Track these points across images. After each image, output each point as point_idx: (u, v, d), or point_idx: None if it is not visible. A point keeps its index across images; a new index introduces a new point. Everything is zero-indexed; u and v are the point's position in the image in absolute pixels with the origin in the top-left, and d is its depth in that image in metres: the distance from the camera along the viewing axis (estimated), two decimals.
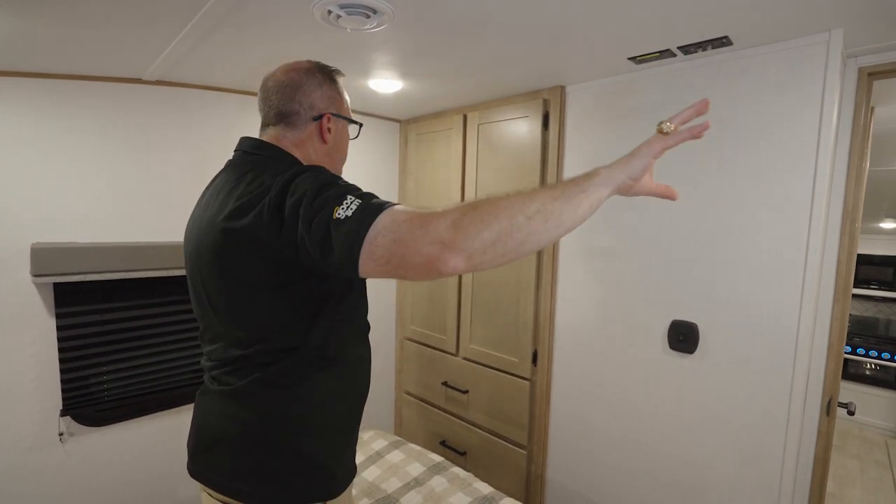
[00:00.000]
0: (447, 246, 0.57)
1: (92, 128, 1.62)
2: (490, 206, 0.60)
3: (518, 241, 0.60)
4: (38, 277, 1.47)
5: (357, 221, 0.60)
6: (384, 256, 0.59)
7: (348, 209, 0.62)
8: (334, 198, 0.64)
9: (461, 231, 0.58)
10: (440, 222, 0.58)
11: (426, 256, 0.58)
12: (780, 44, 1.26)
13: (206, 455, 0.86)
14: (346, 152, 0.98)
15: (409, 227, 0.59)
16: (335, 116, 0.91)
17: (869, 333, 3.80)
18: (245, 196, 0.73)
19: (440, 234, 0.57)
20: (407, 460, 1.70)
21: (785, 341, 1.29)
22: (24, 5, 1.07)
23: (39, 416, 1.60)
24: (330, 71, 0.93)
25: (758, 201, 1.32)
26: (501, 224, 0.59)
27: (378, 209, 0.61)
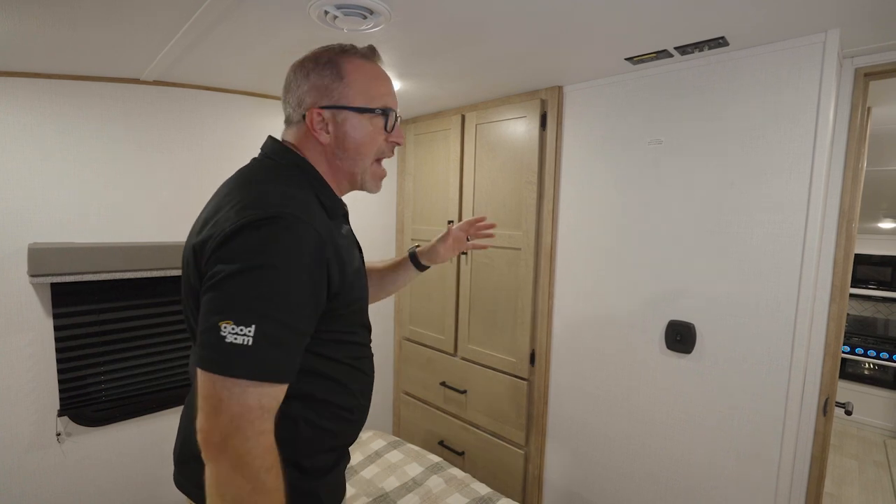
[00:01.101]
0: (206, 447, 0.60)
1: (90, 128, 1.62)
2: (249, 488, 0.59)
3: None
4: (35, 277, 1.46)
5: (225, 357, 0.58)
6: (204, 394, 0.60)
7: (236, 335, 0.58)
8: (235, 309, 0.59)
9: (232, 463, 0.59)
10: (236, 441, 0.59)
11: (200, 431, 0.60)
12: (776, 44, 1.26)
13: (188, 467, 0.80)
14: (369, 154, 0.81)
15: (225, 424, 0.58)
16: (328, 109, 0.76)
17: (867, 333, 3.80)
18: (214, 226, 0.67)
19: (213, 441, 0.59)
20: (405, 460, 1.70)
21: (782, 341, 1.29)
22: (22, 5, 1.07)
23: (37, 417, 1.60)
24: (333, 57, 0.78)
25: (754, 201, 1.32)
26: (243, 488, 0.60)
27: (242, 371, 0.58)
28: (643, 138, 1.54)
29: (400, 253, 2.49)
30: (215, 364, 0.59)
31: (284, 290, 0.62)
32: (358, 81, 0.77)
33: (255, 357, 0.59)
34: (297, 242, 0.64)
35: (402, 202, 2.46)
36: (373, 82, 0.79)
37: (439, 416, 2.26)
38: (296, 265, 0.63)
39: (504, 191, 1.90)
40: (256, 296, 0.60)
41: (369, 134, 0.79)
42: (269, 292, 0.61)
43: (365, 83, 0.78)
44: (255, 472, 0.59)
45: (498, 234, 1.93)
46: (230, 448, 0.58)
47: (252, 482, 0.59)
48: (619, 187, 1.61)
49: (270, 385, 0.61)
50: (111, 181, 1.68)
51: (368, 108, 0.78)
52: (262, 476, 0.60)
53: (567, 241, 1.77)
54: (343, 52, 0.78)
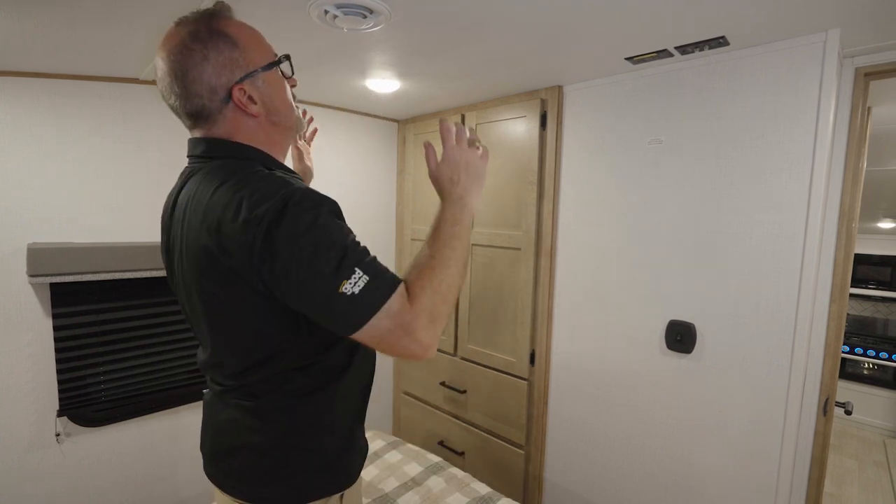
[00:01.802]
0: (427, 347, 0.67)
1: (88, 128, 1.62)
2: (449, 280, 0.71)
3: (456, 298, 0.74)
4: (34, 277, 1.46)
5: (365, 303, 0.64)
6: (377, 337, 0.65)
7: (355, 285, 0.63)
8: (340, 268, 0.63)
9: (436, 327, 0.68)
10: (421, 319, 0.66)
11: (411, 352, 0.67)
12: (776, 44, 1.26)
13: (223, 462, 0.84)
14: (290, 105, 0.81)
15: (402, 321, 0.65)
16: (247, 80, 0.73)
17: (867, 333, 3.80)
18: (225, 224, 0.65)
19: (423, 336, 0.66)
20: (405, 460, 1.70)
21: (782, 341, 1.29)
22: (21, 5, 1.06)
23: (36, 417, 1.59)
24: (208, 22, 0.72)
25: (755, 201, 1.32)
26: (456, 295, 0.73)
27: (385, 292, 0.65)
28: (643, 138, 1.54)
29: (400, 253, 2.49)
30: (362, 314, 0.64)
31: (338, 229, 0.67)
32: (250, 41, 0.75)
33: (380, 283, 0.65)
34: (318, 202, 0.67)
35: (401, 202, 2.46)
36: (257, 36, 0.77)
37: (439, 415, 2.26)
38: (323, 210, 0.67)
39: (504, 191, 1.90)
40: (337, 249, 0.64)
41: (281, 86, 0.79)
42: (337, 239, 0.65)
43: (255, 40, 0.76)
44: (436, 307, 0.68)
45: (498, 233, 1.93)
46: (423, 339, 0.66)
47: (440, 305, 0.69)
48: (619, 187, 1.61)
49: (395, 290, 0.66)
50: (110, 181, 1.67)
51: (273, 61, 0.77)
52: (435, 299, 0.68)
53: (567, 241, 1.77)
54: (212, 18, 0.73)
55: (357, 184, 2.35)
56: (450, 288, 0.71)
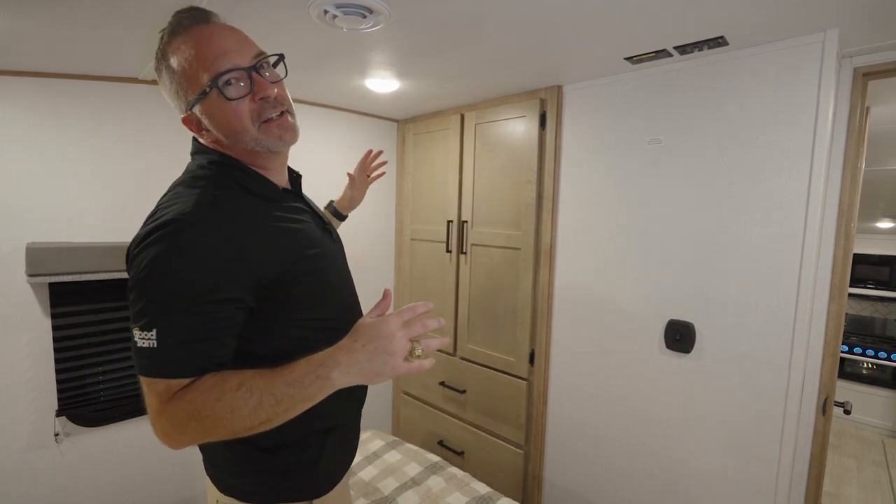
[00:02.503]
0: (164, 439, 0.66)
1: (87, 127, 1.62)
2: (225, 421, 0.62)
3: (230, 434, 0.64)
4: (33, 277, 1.46)
5: (137, 361, 0.63)
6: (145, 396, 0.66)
7: (143, 340, 0.62)
8: (143, 315, 0.62)
9: (176, 436, 0.65)
10: (165, 422, 0.64)
11: (155, 431, 0.66)
12: (775, 44, 1.26)
13: (205, 447, 0.85)
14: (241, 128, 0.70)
15: (152, 405, 0.65)
16: (195, 105, 0.69)
17: (866, 332, 3.81)
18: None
19: (158, 432, 0.65)
20: (404, 460, 1.70)
21: (781, 340, 1.29)
22: (20, 4, 1.06)
23: (35, 417, 1.59)
24: (163, 47, 0.70)
25: (754, 201, 1.32)
26: (225, 432, 0.63)
27: (153, 371, 0.63)
28: (643, 138, 1.54)
29: (399, 253, 2.49)
30: (137, 366, 0.64)
31: (178, 287, 0.62)
32: (186, 65, 0.67)
33: (159, 357, 0.62)
34: (189, 244, 0.63)
35: (400, 202, 2.46)
36: (196, 58, 0.67)
37: (439, 415, 2.26)
38: (188, 266, 0.62)
39: (503, 190, 1.90)
40: (153, 302, 0.62)
41: (229, 108, 0.68)
42: (162, 296, 0.62)
43: (191, 64, 0.67)
44: (186, 425, 0.63)
45: (497, 234, 1.93)
46: (159, 430, 0.65)
47: (191, 428, 0.63)
48: (618, 187, 1.61)
49: (178, 380, 0.64)
50: (109, 180, 1.67)
51: (203, 91, 0.67)
52: (191, 421, 0.63)
53: (566, 241, 1.77)
54: (167, 37, 0.69)
55: None
56: (217, 426, 0.62)
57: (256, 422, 0.63)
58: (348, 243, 1.07)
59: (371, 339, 0.65)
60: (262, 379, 0.63)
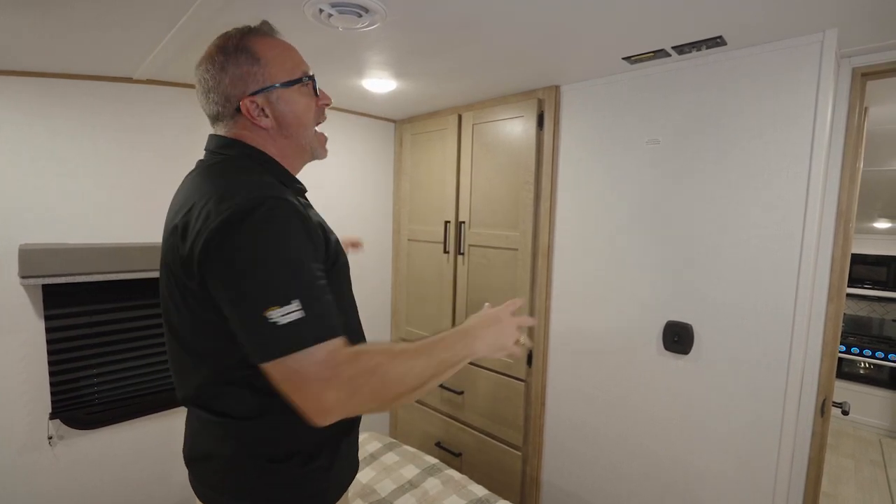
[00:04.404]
0: (325, 411, 0.62)
1: (81, 128, 1.60)
2: (398, 377, 0.66)
3: (392, 401, 0.67)
4: (26, 279, 1.45)
5: (285, 337, 0.60)
6: (285, 377, 0.62)
7: (285, 316, 0.60)
8: (277, 292, 0.61)
9: (349, 401, 0.62)
10: (339, 381, 0.61)
11: (306, 406, 0.62)
12: (774, 44, 1.25)
13: (199, 469, 0.82)
14: (309, 123, 0.82)
15: (317, 372, 0.61)
16: (260, 94, 0.76)
17: (863, 333, 3.82)
18: (191, 220, 0.67)
19: (328, 397, 0.61)
20: (401, 462, 1.69)
21: (779, 341, 1.29)
22: (16, 5, 1.05)
23: (28, 419, 1.58)
24: (239, 43, 0.77)
25: (752, 201, 1.32)
26: (393, 396, 0.66)
27: (315, 337, 0.62)
28: (641, 138, 1.53)
29: (396, 254, 2.48)
30: (281, 349, 0.61)
31: (299, 254, 0.65)
32: (275, 58, 0.77)
33: (311, 324, 0.62)
34: (286, 217, 0.65)
35: (398, 202, 2.45)
36: (286, 54, 0.79)
37: (436, 417, 2.25)
38: (293, 231, 0.65)
39: (501, 191, 1.89)
40: (283, 272, 0.62)
41: (304, 104, 0.80)
42: (290, 263, 0.63)
43: (281, 58, 0.78)
44: (362, 383, 0.63)
45: (495, 234, 1.92)
46: (328, 400, 0.61)
47: (368, 387, 0.63)
48: (616, 187, 1.60)
49: (330, 341, 0.63)
50: (103, 181, 1.66)
51: (294, 79, 0.78)
52: (369, 378, 0.63)
53: (564, 242, 1.76)
54: (244, 35, 0.78)
55: (354, 184, 2.33)
56: (392, 383, 0.65)
57: (420, 382, 0.68)
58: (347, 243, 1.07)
59: (495, 322, 0.84)
60: (420, 345, 0.71)
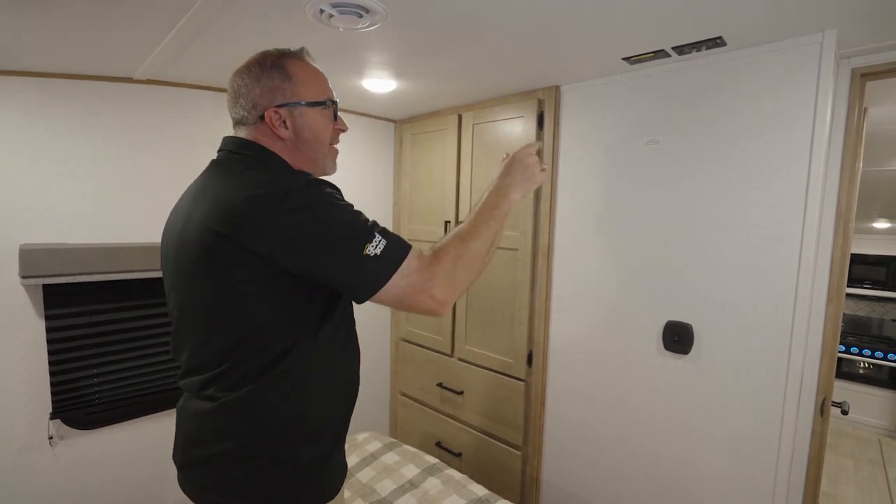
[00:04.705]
0: (442, 304, 0.76)
1: (82, 128, 1.60)
2: (474, 251, 0.81)
3: (480, 270, 0.84)
4: (26, 279, 1.45)
5: (387, 261, 0.73)
6: (398, 295, 0.74)
7: (377, 248, 0.72)
8: (363, 233, 0.72)
9: (453, 288, 0.77)
10: (439, 278, 0.75)
11: (428, 307, 0.76)
12: (773, 44, 1.26)
13: (197, 471, 0.82)
14: (325, 141, 0.88)
15: (421, 278, 0.74)
16: (284, 107, 0.82)
17: (862, 332, 3.82)
18: (237, 201, 0.72)
19: (438, 293, 0.75)
20: (401, 462, 1.69)
21: (779, 341, 1.29)
22: (15, 5, 1.05)
23: (29, 419, 1.58)
24: (277, 60, 0.84)
25: (752, 201, 1.32)
26: (479, 266, 0.82)
27: (403, 252, 0.75)
28: (640, 138, 1.53)
29: None
30: (385, 272, 0.72)
31: (351, 206, 0.76)
32: (305, 79, 0.85)
33: (397, 246, 0.75)
34: (328, 186, 0.77)
35: (398, 202, 2.45)
36: (316, 79, 0.88)
37: (436, 417, 2.25)
38: (334, 196, 0.76)
39: None
40: (354, 219, 0.74)
41: (322, 124, 0.87)
42: (354, 212, 0.75)
43: (311, 80, 0.86)
44: (455, 268, 0.78)
45: None
46: (439, 295, 0.75)
47: (460, 268, 0.78)
48: (616, 187, 1.61)
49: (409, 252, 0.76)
50: (103, 181, 1.66)
51: (319, 101, 0.86)
52: (456, 262, 0.78)
53: (564, 242, 1.76)
54: (283, 55, 0.86)
55: (354, 184, 2.33)
56: (474, 258, 0.80)
57: (490, 243, 0.84)
58: None
59: (520, 162, 0.97)
60: (475, 219, 0.85)
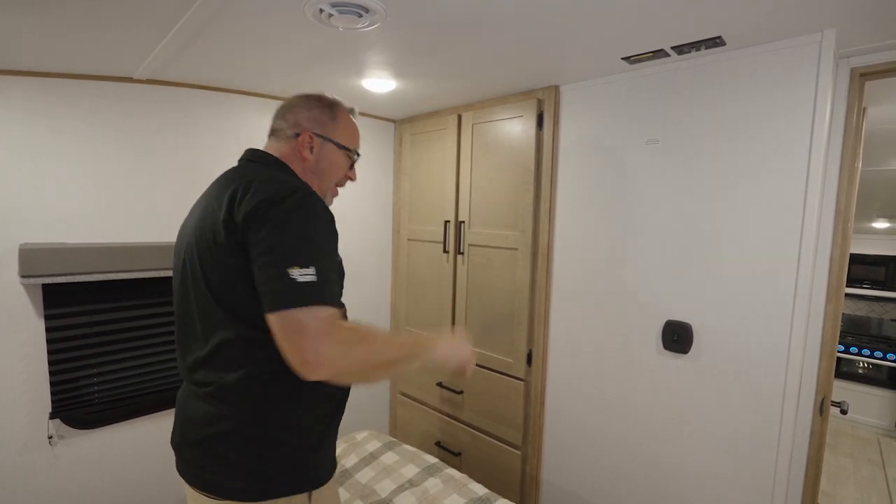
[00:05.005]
0: (319, 363, 0.72)
1: (82, 127, 1.60)
2: (375, 361, 0.81)
3: (362, 378, 0.86)
4: (26, 278, 1.45)
5: (299, 293, 0.73)
6: (288, 327, 0.73)
7: (303, 276, 0.73)
8: (302, 256, 0.75)
9: (339, 361, 0.74)
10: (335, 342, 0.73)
11: (305, 357, 0.72)
12: (773, 44, 1.26)
13: (193, 453, 0.86)
14: (335, 178, 1.03)
15: (319, 328, 0.72)
16: (318, 137, 0.97)
17: (862, 332, 3.83)
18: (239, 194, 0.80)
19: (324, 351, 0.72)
20: (401, 462, 1.69)
21: (778, 341, 1.29)
22: (12, 3, 1.05)
23: (28, 419, 1.58)
24: (332, 102, 1.01)
25: (751, 201, 1.32)
26: (365, 374, 0.83)
27: (321, 300, 0.74)
28: (640, 138, 1.53)
29: (396, 253, 2.49)
30: (293, 300, 0.73)
31: (323, 239, 0.80)
32: (345, 127, 1.01)
33: (321, 288, 0.75)
34: (321, 206, 0.82)
35: (398, 202, 2.45)
36: (352, 131, 1.04)
37: (436, 416, 2.25)
38: (323, 222, 0.81)
39: (501, 191, 1.90)
40: (309, 245, 0.77)
41: (339, 164, 1.02)
42: (315, 242, 0.78)
43: (348, 130, 1.02)
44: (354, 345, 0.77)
45: (494, 234, 1.93)
46: (324, 353, 0.72)
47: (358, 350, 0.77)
48: (615, 187, 1.61)
49: (332, 307, 0.76)
50: (103, 181, 1.66)
51: (346, 147, 1.02)
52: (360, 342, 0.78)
53: (564, 241, 1.76)
54: (338, 103, 1.03)
55: (353, 184, 2.32)
56: (369, 364, 0.80)
57: (391, 360, 0.83)
58: (346, 243, 1.11)
59: (456, 342, 0.98)
60: (396, 333, 0.86)
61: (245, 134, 1.92)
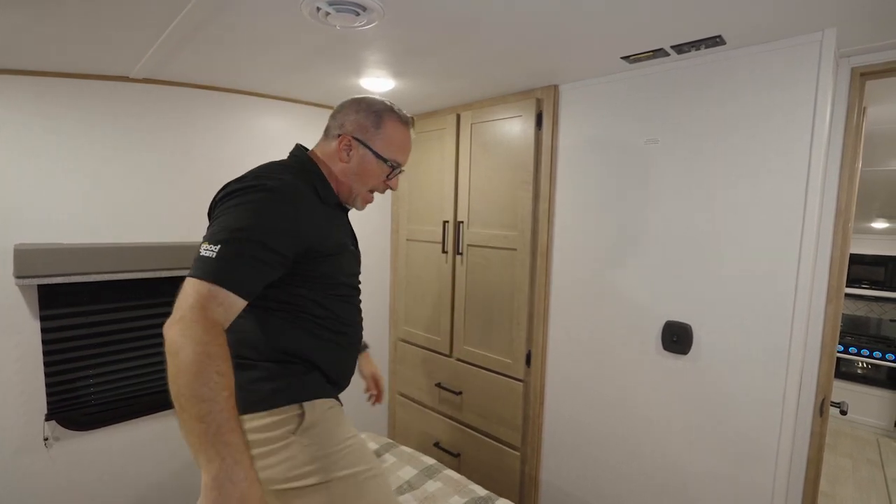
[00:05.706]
0: (171, 324, 0.73)
1: (77, 127, 1.59)
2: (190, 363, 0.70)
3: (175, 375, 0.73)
4: (21, 279, 1.44)
5: (198, 266, 0.77)
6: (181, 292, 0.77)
7: (206, 252, 0.78)
8: (220, 236, 0.79)
9: (174, 343, 0.71)
10: (177, 328, 0.72)
11: (173, 319, 0.73)
12: (773, 43, 1.25)
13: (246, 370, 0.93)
14: (369, 185, 1.06)
15: (184, 305, 0.74)
16: (357, 142, 1.01)
17: (861, 332, 3.83)
18: None
19: (172, 329, 0.73)
20: (399, 464, 1.68)
21: (778, 341, 1.29)
22: (11, 3, 1.04)
23: (24, 420, 1.57)
24: (382, 110, 1.03)
25: (751, 201, 1.32)
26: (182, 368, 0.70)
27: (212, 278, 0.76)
28: (639, 138, 1.53)
29: (395, 253, 2.48)
30: (191, 271, 0.77)
31: (250, 223, 0.81)
32: (390, 137, 1.03)
33: (214, 266, 0.76)
34: (272, 200, 0.84)
35: (396, 202, 2.44)
36: (397, 143, 1.05)
37: (435, 417, 2.24)
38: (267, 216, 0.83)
39: (500, 190, 1.89)
40: (226, 227, 0.80)
41: (374, 172, 1.05)
42: (237, 225, 0.80)
43: (391, 141, 1.04)
44: (199, 340, 0.70)
45: (493, 234, 1.92)
46: (185, 318, 0.72)
47: (198, 347, 0.70)
48: (615, 187, 1.60)
49: (224, 290, 0.76)
50: (99, 181, 1.65)
51: (384, 157, 1.04)
52: (207, 347, 0.71)
53: (563, 241, 1.76)
54: (390, 109, 1.04)
55: None
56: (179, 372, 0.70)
57: (187, 395, 0.69)
58: None
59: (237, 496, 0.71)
60: (225, 404, 0.70)
61: (243, 133, 1.91)
